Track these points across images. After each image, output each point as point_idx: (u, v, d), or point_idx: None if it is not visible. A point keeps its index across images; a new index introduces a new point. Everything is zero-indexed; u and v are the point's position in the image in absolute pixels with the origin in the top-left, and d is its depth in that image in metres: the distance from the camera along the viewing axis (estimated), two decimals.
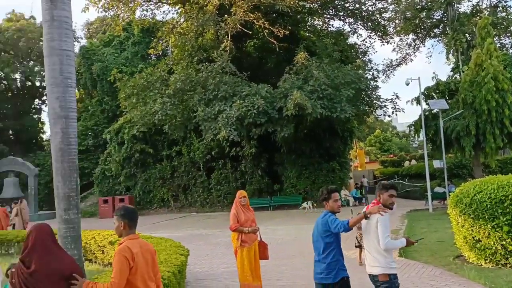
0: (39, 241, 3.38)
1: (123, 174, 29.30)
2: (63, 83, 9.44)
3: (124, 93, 24.16)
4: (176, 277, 6.04)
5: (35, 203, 29.15)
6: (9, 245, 13.94)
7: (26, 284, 3.25)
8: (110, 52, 35.31)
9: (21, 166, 29.75)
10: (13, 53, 43.35)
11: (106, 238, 10.69)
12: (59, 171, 9.39)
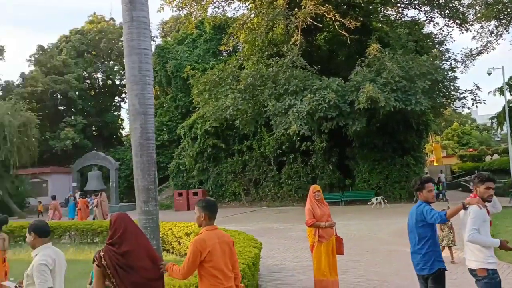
0: (127, 226, 3.76)
1: (196, 168, 30.18)
2: (142, 81, 9.89)
3: (196, 89, 24.84)
4: (250, 269, 6.14)
5: (116, 195, 30.82)
6: (94, 234, 14.86)
7: (118, 264, 3.60)
8: (183, 49, 36.42)
9: (103, 160, 31.55)
10: (95, 54, 46.03)
11: (182, 230, 11.07)
12: (138, 164, 9.86)
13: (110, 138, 46.56)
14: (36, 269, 3.92)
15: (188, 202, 28.08)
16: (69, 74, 40.82)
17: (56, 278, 4.03)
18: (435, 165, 42.11)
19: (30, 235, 4.15)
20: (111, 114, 46.58)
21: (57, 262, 4.08)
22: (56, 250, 4.27)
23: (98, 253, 3.71)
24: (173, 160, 32.48)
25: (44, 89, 38.72)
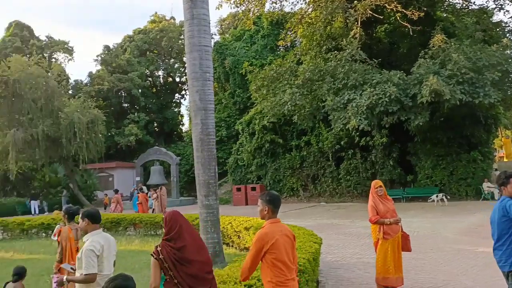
0: (182, 223, 4.03)
1: (254, 163, 30.41)
2: (202, 77, 10.11)
3: (254, 85, 24.97)
4: (311, 264, 6.11)
5: (177, 190, 31.69)
6: (157, 227, 15.36)
7: (175, 258, 3.86)
8: (241, 46, 36.74)
9: (165, 156, 32.53)
10: (157, 52, 47.48)
11: (242, 224, 11.20)
12: (199, 159, 10.11)
13: (171, 133, 47.90)
14: (84, 254, 4.25)
15: (246, 197, 28.38)
16: (132, 72, 42.38)
17: (105, 261, 4.35)
18: (505, 161, 39.88)
19: (83, 221, 4.52)
20: (171, 110, 47.89)
21: (105, 248, 4.38)
22: (105, 235, 4.56)
23: (155, 248, 3.97)
24: (231, 156, 32.91)
25: (110, 87, 40.45)
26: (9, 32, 42.09)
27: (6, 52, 37.46)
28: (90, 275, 4.21)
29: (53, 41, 43.57)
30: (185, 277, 3.83)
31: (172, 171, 31.97)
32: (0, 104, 27.47)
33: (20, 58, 28.74)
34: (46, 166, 33.12)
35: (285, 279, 3.88)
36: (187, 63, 10.36)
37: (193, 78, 10.11)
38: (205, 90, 10.06)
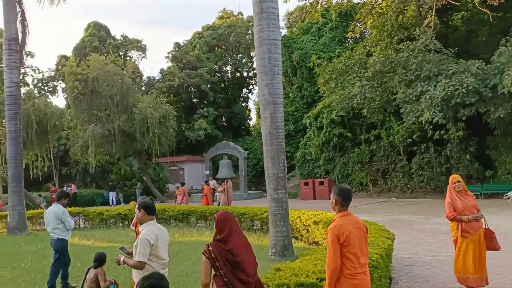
0: (232, 226, 4.25)
1: (322, 157, 30.11)
2: (271, 71, 10.13)
3: (323, 78, 24.70)
4: (384, 260, 5.95)
5: (245, 183, 32.12)
6: None
7: (226, 258, 4.09)
8: (308, 39, 36.41)
9: (233, 150, 33.05)
10: (225, 48, 48.24)
11: (311, 218, 11.12)
12: (268, 153, 10.16)
13: (239, 128, 48.56)
14: (140, 242, 4.57)
15: (314, 191, 28.18)
16: (201, 68, 43.38)
17: (159, 250, 4.66)
18: None
19: (140, 212, 4.79)
20: (239, 105, 48.51)
21: (159, 238, 4.68)
22: (159, 226, 4.90)
23: (207, 247, 4.22)
24: (299, 150, 32.81)
25: (180, 83, 41.67)
26: (88, 32, 44.58)
27: (85, 52, 39.71)
28: (140, 263, 4.52)
29: (128, 40, 45.58)
30: (232, 278, 4.07)
31: (240, 165, 32.42)
32: (80, 101, 29.10)
33: (98, 57, 30.30)
34: (122, 160, 34.81)
35: (355, 273, 3.85)
36: (256, 57, 10.42)
37: (262, 72, 10.15)
38: (274, 84, 10.08)
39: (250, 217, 14.43)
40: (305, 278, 4.58)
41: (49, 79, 47.04)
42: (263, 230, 13.68)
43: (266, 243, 11.35)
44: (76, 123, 31.34)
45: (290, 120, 36.01)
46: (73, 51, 43.19)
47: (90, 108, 29.28)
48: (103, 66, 29.05)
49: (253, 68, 48.78)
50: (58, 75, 44.57)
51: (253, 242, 11.17)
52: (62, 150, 36.55)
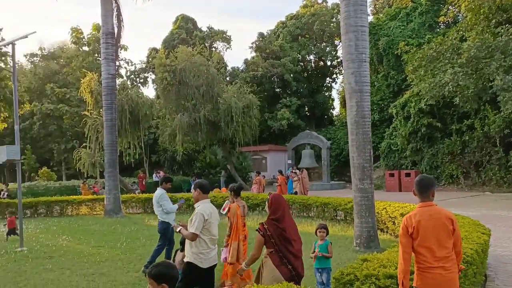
0: (284, 207, 4.79)
1: (409, 148, 28.97)
2: (358, 59, 9.89)
3: (411, 65, 23.60)
4: (479, 256, 5.62)
5: (328, 174, 31.80)
6: (310, 209, 15.61)
7: (281, 235, 4.61)
8: (396, 25, 35.02)
9: (315, 139, 32.81)
10: (308, 36, 47.82)
11: (397, 210, 10.78)
12: (354, 142, 9.97)
13: (322, 118, 48.06)
14: (195, 216, 5.09)
15: (400, 183, 27.22)
16: (285, 58, 43.38)
17: (212, 226, 5.18)
18: None
19: (195, 191, 5.35)
20: (322, 94, 47.95)
21: (212, 215, 5.22)
22: (212, 205, 5.41)
23: (262, 226, 4.69)
24: (384, 140, 31.82)
25: (263, 73, 42.01)
26: (176, 25, 46.33)
27: (173, 44, 41.32)
28: (193, 234, 5.02)
29: (213, 31, 46.70)
30: (287, 252, 4.58)
31: (323, 154, 32.13)
32: (169, 91, 30.34)
33: (185, 48, 31.37)
34: (207, 148, 35.95)
35: (428, 266, 3.71)
36: (343, 45, 10.22)
37: (348, 60, 9.95)
38: (360, 72, 9.84)
39: (334, 207, 14.30)
40: (395, 270, 4.45)
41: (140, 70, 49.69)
42: (346, 220, 13.49)
43: (350, 234, 11.20)
44: (165, 113, 32.78)
45: (375, 109, 34.95)
46: (163, 44, 45.14)
47: (178, 98, 30.44)
48: (190, 58, 30.03)
49: (337, 57, 47.88)
50: (148, 67, 46.93)
51: (336, 233, 11.13)
52: (152, 138, 38.53)
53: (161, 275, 2.97)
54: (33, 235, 13.36)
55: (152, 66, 38.42)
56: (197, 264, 5.09)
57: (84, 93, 27.57)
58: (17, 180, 12.11)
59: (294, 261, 4.67)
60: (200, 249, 5.09)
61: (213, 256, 5.27)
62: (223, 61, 41.36)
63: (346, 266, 4.96)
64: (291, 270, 4.62)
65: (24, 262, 9.40)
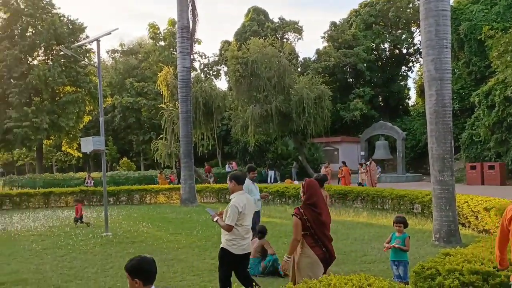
0: (319, 193, 4.99)
1: (493, 139, 27.20)
2: (438, 45, 9.42)
3: (496, 51, 22.16)
4: None
5: (403, 165, 30.75)
6: (384, 202, 15.21)
7: (317, 219, 4.81)
8: (479, 9, 32.93)
9: (390, 130, 31.80)
10: (383, 24, 46.36)
11: (480, 204, 10.21)
12: (433, 133, 9.53)
13: (396, 108, 46.52)
14: (230, 208, 5.26)
15: (482, 176, 25.71)
16: (358, 47, 42.39)
17: (245, 217, 5.33)
18: None
19: (231, 182, 5.47)
20: (397, 84, 46.35)
21: (247, 206, 5.34)
22: (247, 196, 5.56)
23: (297, 210, 4.88)
24: (465, 131, 30.16)
25: (336, 63, 41.33)
26: (248, 17, 46.74)
27: (245, 36, 41.73)
28: (228, 226, 5.22)
29: (285, 22, 46.60)
30: (322, 235, 4.83)
31: (397, 146, 31.09)
32: (241, 83, 30.72)
33: (257, 40, 31.55)
34: (278, 139, 36.05)
35: None
36: (422, 31, 9.77)
37: (428, 47, 9.50)
38: (441, 59, 9.37)
39: (410, 200, 13.82)
40: (480, 265, 4.22)
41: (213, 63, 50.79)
42: (424, 214, 12.99)
43: (428, 227, 10.78)
44: (237, 104, 33.26)
45: (455, 98, 33.17)
46: (235, 36, 45.75)
47: (250, 89, 30.75)
48: (262, 49, 30.17)
49: (413, 44, 46.03)
50: (221, 60, 47.82)
51: (413, 226, 10.75)
52: (225, 129, 39.31)
53: (133, 269, 2.89)
54: (116, 221, 14.15)
55: (225, 58, 39.08)
56: (230, 251, 5.35)
57: (161, 86, 28.67)
58: (102, 169, 12.86)
59: (328, 244, 4.91)
60: (233, 237, 5.32)
61: (246, 245, 5.44)
62: (295, 52, 41.17)
63: (427, 260, 4.78)
64: (325, 252, 4.84)
65: (110, 246, 9.99)
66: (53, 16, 39.38)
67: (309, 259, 4.75)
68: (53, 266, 8.09)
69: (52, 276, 7.44)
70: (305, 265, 4.75)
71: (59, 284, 6.91)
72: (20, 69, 37.12)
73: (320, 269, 4.73)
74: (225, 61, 39.49)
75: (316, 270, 4.68)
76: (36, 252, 9.44)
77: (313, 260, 4.73)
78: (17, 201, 19.40)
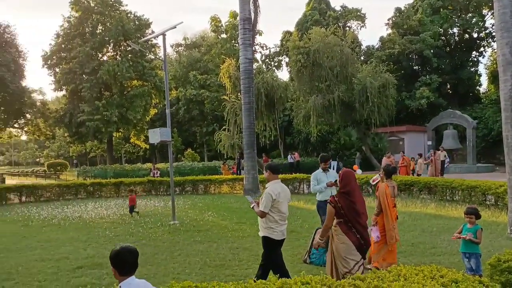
0: (354, 183, 5.17)
1: None
2: None
3: None
4: None
5: (473, 155, 29.34)
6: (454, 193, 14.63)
7: (351, 208, 5.01)
8: None
9: (459, 119, 30.41)
10: (452, 8, 44.21)
11: None
12: (508, 120, 9.04)
13: (466, 95, 44.36)
14: (265, 195, 5.56)
15: None
16: (424, 33, 40.76)
17: (280, 204, 5.58)
18: None
19: (266, 172, 5.79)
20: (467, 70, 44.10)
21: (282, 195, 5.61)
22: (282, 185, 5.82)
23: (333, 198, 5.13)
24: None
25: (400, 50, 40.02)
26: (309, 7, 46.25)
27: (306, 26, 41.39)
28: (262, 212, 5.55)
29: (347, 10, 45.68)
30: (355, 223, 5.00)
31: (467, 135, 29.68)
32: (303, 73, 30.52)
33: (318, 29, 31.16)
34: (341, 130, 35.55)
35: None
36: (495, 13, 9.24)
37: (502, 29, 8.98)
38: None
39: (482, 191, 13.20)
40: None
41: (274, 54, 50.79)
42: (498, 206, 12.36)
43: (503, 220, 10.29)
44: (299, 95, 33.10)
45: None
46: (296, 26, 45.48)
47: (312, 79, 30.49)
48: (324, 38, 29.77)
49: (485, 28, 43.54)
50: (282, 50, 47.72)
51: (486, 218, 10.28)
52: (286, 120, 39.30)
53: (111, 258, 3.01)
54: (182, 210, 14.63)
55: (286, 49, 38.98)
56: (272, 237, 5.65)
57: (223, 78, 29.09)
58: (169, 160, 13.32)
59: (363, 231, 5.06)
60: (270, 224, 5.62)
61: (283, 231, 5.72)
62: (357, 40, 40.32)
63: (504, 252, 4.57)
64: (360, 238, 5.03)
65: (177, 234, 10.36)
66: (121, 13, 41.08)
67: (345, 245, 5.01)
68: None
69: None
70: (342, 250, 5.01)
71: None
72: (91, 65, 39.09)
73: (356, 254, 4.99)
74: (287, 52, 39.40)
75: (352, 255, 4.98)
76: (110, 239, 9.97)
77: (348, 246, 4.99)
78: (91, 190, 20.53)
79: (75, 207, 16.20)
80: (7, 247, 9.28)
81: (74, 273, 7.06)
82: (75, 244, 9.41)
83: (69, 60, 40.87)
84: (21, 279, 6.81)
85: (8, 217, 14.15)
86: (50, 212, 14.93)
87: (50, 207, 16.57)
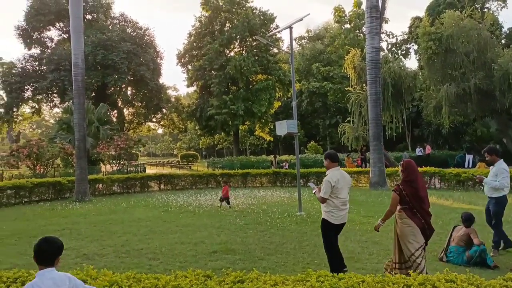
0: (417, 172, 5.60)
1: None
2: None
3: None
4: None
5: None
6: None
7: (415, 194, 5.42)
8: None
9: None
10: None
11: None
12: None
13: None
14: (324, 182, 5.89)
15: None
16: None
17: (341, 191, 5.89)
18: None
19: (326, 160, 6.09)
20: None
21: (341, 181, 5.88)
22: (342, 172, 6.07)
23: (397, 186, 5.53)
24: None
25: None
26: None
27: (438, 10, 38.61)
28: (322, 198, 5.88)
29: None
30: (420, 208, 5.40)
31: None
32: (434, 61, 28.61)
33: (452, 13, 28.90)
34: (478, 120, 32.69)
35: None
36: None
37: None
38: None
39: None
40: None
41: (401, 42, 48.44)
42: None
43: None
44: (429, 84, 31.16)
45: None
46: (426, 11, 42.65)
47: (444, 67, 28.48)
48: (458, 22, 27.57)
49: None
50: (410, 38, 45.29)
51: None
52: (415, 111, 37.28)
53: (34, 247, 2.91)
54: (308, 202, 14.65)
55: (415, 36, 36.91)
56: (329, 221, 5.95)
57: (348, 69, 28.50)
58: (295, 152, 13.42)
59: (426, 216, 5.45)
60: (330, 209, 5.93)
61: (342, 215, 6.00)
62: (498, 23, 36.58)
63: None
64: (424, 223, 5.39)
65: (304, 225, 10.37)
66: (247, 10, 42.42)
67: (410, 227, 5.41)
68: (256, 240, 8.74)
69: (255, 248, 8.04)
70: (407, 232, 5.43)
71: (263, 256, 7.42)
72: (220, 61, 41.03)
73: (420, 236, 5.39)
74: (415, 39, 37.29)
75: (417, 236, 5.39)
76: (240, 227, 10.33)
77: (413, 228, 5.40)
78: (219, 180, 21.56)
79: (206, 196, 17.16)
80: (152, 230, 10.13)
81: (210, 257, 7.44)
82: (209, 230, 9.92)
83: (199, 57, 43.37)
84: (164, 259, 7.35)
85: (150, 203, 15.47)
86: (185, 200, 16.00)
87: (185, 195, 17.77)
